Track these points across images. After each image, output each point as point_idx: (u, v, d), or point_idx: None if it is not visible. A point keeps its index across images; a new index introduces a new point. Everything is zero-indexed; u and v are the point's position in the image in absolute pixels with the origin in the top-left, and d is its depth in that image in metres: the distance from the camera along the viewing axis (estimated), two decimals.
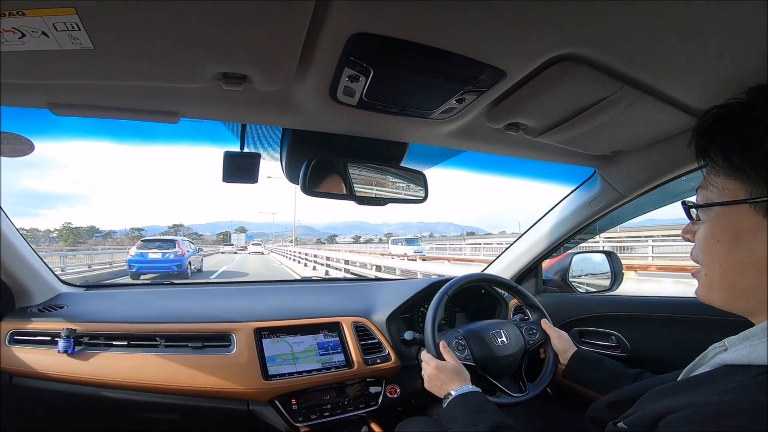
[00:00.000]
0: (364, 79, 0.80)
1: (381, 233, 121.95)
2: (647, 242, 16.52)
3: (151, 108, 0.96)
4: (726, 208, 0.55)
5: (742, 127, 0.54)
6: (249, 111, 1.00)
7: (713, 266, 0.58)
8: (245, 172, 1.12)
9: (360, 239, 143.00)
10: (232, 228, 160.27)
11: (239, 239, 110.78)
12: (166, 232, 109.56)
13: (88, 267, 17.73)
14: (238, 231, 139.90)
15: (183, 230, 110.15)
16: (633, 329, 1.44)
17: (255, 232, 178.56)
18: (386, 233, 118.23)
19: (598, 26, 0.66)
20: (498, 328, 1.33)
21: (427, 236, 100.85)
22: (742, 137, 0.53)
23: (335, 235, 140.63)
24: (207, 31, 0.64)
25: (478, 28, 0.66)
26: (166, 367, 1.30)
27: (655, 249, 15.13)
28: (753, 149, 0.51)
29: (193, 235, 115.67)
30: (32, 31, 0.60)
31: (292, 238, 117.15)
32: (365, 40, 0.68)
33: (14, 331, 1.32)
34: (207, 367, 1.32)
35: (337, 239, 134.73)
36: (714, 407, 0.48)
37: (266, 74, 0.78)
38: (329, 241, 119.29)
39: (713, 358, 0.59)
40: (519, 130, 1.05)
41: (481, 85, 0.83)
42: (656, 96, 0.88)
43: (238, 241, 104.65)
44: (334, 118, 1.02)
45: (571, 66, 0.77)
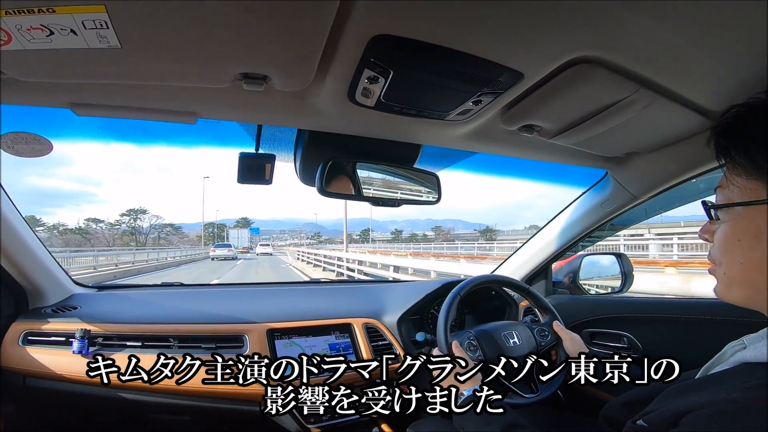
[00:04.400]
0: (383, 81, 0.80)
1: (388, 231, 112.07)
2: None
3: (170, 108, 0.97)
4: (747, 208, 0.55)
5: (765, 126, 0.54)
6: (267, 112, 1.01)
7: (734, 265, 0.58)
8: (259, 173, 1.13)
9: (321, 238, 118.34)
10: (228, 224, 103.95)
11: (241, 237, 74.61)
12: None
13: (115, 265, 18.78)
14: (238, 226, 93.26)
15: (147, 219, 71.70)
16: (644, 330, 1.44)
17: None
18: (393, 230, 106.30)
19: (615, 29, 0.66)
20: (510, 329, 1.33)
21: (420, 236, 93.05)
22: (765, 136, 0.53)
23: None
24: (231, 30, 0.65)
25: (498, 30, 0.67)
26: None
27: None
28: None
29: (164, 227, 76.51)
30: (61, 29, 0.60)
31: (301, 238, 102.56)
32: (386, 42, 0.69)
33: (28, 332, 1.33)
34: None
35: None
36: (736, 405, 0.48)
37: (287, 75, 0.79)
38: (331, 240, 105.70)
39: (732, 356, 0.59)
40: (533, 132, 1.06)
41: (498, 87, 0.84)
42: (671, 98, 0.88)
43: (240, 239, 72.33)
44: (351, 120, 1.02)
45: (587, 68, 0.77)
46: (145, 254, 27.35)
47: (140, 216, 72.15)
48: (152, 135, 1.23)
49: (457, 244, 41.70)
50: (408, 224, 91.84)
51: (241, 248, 53.95)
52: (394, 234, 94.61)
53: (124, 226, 69.65)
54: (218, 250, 35.14)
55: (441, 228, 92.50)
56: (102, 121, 1.09)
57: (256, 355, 1.12)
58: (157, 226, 75.38)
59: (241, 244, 64.33)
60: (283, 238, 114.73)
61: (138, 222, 71.50)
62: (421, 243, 69.19)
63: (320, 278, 2.81)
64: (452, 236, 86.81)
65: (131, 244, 62.91)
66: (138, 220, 71.87)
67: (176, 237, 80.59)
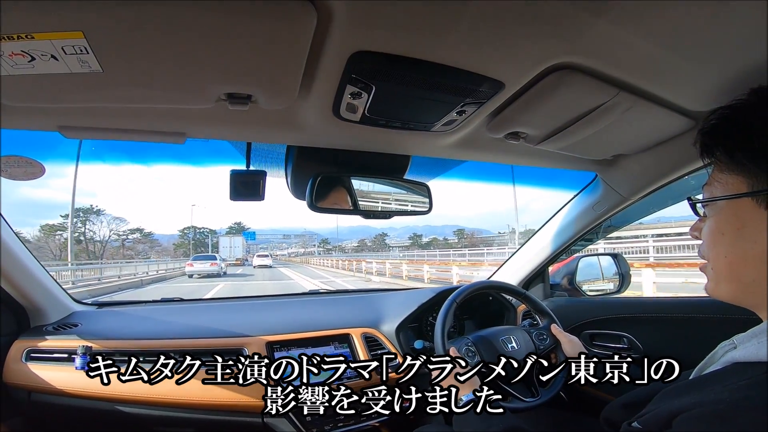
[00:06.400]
0: (367, 96, 0.82)
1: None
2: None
3: (158, 129, 0.98)
4: (729, 202, 0.57)
5: (744, 125, 0.56)
6: (254, 129, 1.02)
7: (719, 259, 0.59)
8: (252, 189, 1.14)
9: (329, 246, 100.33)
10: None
11: (234, 247, 54.81)
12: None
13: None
14: (230, 233, 71.87)
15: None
16: (643, 330, 1.44)
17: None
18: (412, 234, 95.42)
19: (592, 35, 0.67)
20: (507, 334, 1.33)
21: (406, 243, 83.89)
22: (744, 134, 0.55)
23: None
24: (211, 53, 0.66)
25: (476, 42, 0.68)
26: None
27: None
28: (753, 145, 0.54)
29: (130, 234, 59.31)
30: (41, 55, 0.61)
31: (306, 246, 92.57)
32: (366, 58, 0.70)
33: (31, 349, 1.35)
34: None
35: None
36: (725, 405, 0.49)
37: (270, 93, 0.80)
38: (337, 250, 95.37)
39: (723, 356, 0.60)
40: (519, 139, 1.07)
41: (480, 96, 0.85)
42: (652, 100, 0.90)
43: (232, 249, 53.82)
44: (338, 134, 1.04)
45: (566, 75, 0.78)
46: (88, 270, 20.53)
47: (91, 218, 52.05)
48: (147, 155, 1.25)
49: (483, 250, 33.81)
50: (405, 231, 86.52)
51: (234, 260, 46.89)
52: (412, 239, 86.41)
53: (63, 234, 48.34)
54: (197, 264, 24.90)
55: (464, 231, 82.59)
56: (95, 143, 1.10)
57: (256, 355, 1.12)
58: (124, 233, 58.27)
59: (234, 255, 51.89)
60: (282, 247, 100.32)
61: (92, 225, 52.37)
62: (434, 249, 62.17)
63: (318, 289, 2.80)
64: (479, 240, 75.49)
65: (82, 256, 44.71)
66: (89, 223, 51.73)
67: (146, 246, 63.92)
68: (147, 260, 38.76)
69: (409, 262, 22.99)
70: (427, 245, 77.83)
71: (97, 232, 53.62)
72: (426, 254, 42.65)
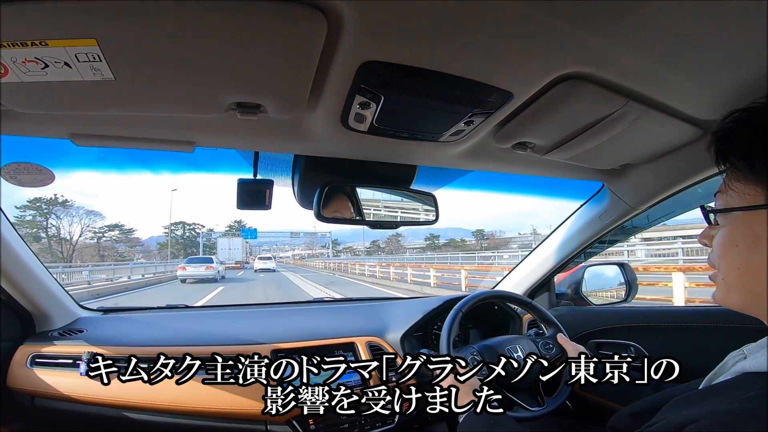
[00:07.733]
0: (375, 106, 0.82)
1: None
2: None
3: (168, 138, 0.99)
4: (745, 213, 0.55)
5: (765, 132, 0.54)
6: (262, 139, 1.03)
7: (731, 270, 0.58)
8: (258, 198, 1.14)
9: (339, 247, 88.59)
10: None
11: (233, 249, 50.90)
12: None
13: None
14: (229, 234, 61.91)
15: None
16: (651, 340, 1.44)
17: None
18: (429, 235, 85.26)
19: (600, 46, 0.68)
20: (513, 343, 1.33)
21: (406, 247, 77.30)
22: (766, 142, 0.54)
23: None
24: (222, 62, 0.66)
25: (485, 52, 0.68)
26: (185, 389, 1.32)
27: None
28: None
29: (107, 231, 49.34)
30: (55, 62, 0.62)
31: (315, 248, 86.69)
32: (375, 68, 0.70)
33: (35, 354, 1.35)
34: (225, 389, 1.33)
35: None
36: (734, 416, 0.48)
37: (279, 103, 0.81)
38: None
39: (734, 366, 0.59)
40: (527, 149, 1.07)
41: (489, 107, 0.85)
42: (661, 110, 0.89)
43: (231, 251, 49.72)
44: (346, 144, 1.04)
45: (575, 85, 0.78)
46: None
47: (56, 211, 42.83)
48: (156, 163, 1.26)
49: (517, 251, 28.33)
50: (410, 233, 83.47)
51: (234, 263, 42.29)
52: (429, 240, 79.68)
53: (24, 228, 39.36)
54: (191, 268, 22.11)
55: (483, 232, 71.59)
56: (104, 150, 1.11)
57: (255, 355, 1.12)
58: (100, 230, 49.23)
59: (233, 257, 47.69)
60: (285, 249, 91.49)
61: (55, 221, 43.21)
62: (445, 251, 58.88)
63: (323, 297, 2.80)
64: (501, 241, 64.29)
65: (43, 256, 31.56)
66: (51, 218, 42.70)
67: (127, 245, 54.87)
68: (131, 263, 34.60)
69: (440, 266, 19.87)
70: (440, 247, 73.55)
71: (65, 228, 44.62)
72: (449, 256, 38.20)
